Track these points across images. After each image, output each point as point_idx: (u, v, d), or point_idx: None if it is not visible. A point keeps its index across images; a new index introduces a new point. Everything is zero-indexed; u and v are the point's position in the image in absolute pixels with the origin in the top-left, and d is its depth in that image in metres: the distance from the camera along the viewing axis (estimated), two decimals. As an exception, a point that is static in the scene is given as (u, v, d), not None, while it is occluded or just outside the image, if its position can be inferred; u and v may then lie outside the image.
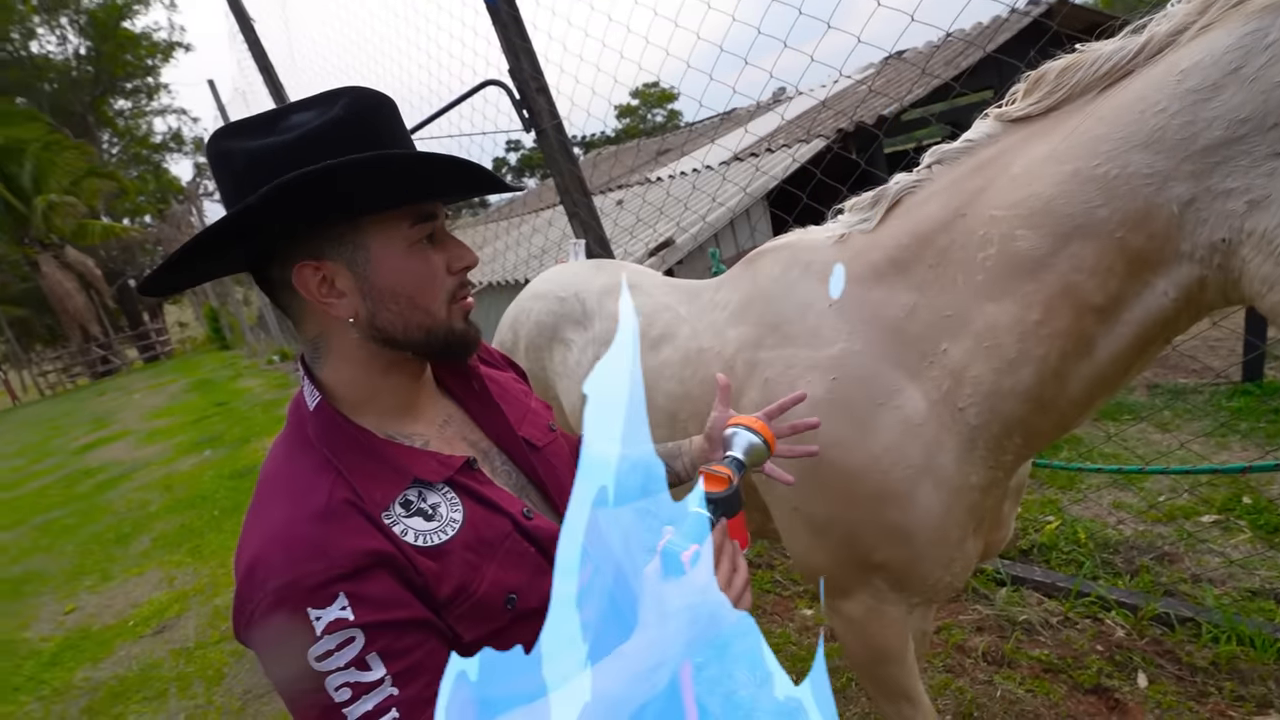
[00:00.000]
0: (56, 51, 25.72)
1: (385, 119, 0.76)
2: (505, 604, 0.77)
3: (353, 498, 0.72)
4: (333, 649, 0.64)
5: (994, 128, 1.09)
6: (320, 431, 0.77)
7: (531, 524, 0.83)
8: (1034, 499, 3.04)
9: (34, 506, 7.38)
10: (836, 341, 1.21)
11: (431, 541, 0.74)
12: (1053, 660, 2.15)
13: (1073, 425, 1.11)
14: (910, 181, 1.19)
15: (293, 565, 0.66)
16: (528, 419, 0.98)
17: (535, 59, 3.17)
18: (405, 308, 0.77)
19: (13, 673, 3.77)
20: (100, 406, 14.39)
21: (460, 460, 0.82)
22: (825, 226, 1.39)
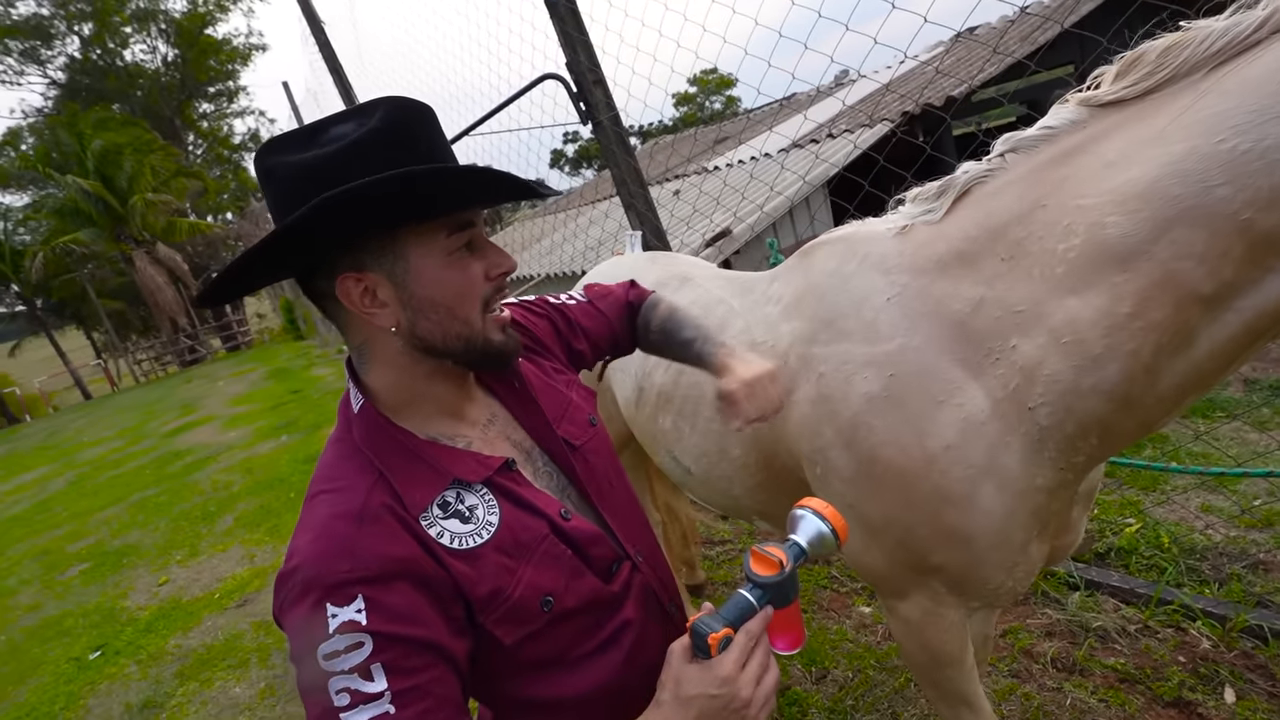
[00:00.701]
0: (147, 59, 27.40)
1: (423, 127, 0.77)
2: (542, 606, 0.78)
3: (391, 501, 0.74)
4: (341, 650, 0.65)
5: (1079, 114, 1.02)
6: (364, 434, 0.79)
7: (569, 525, 0.84)
8: (1112, 500, 2.88)
9: (132, 485, 7.96)
10: (895, 337, 1.17)
11: (466, 545, 0.75)
12: (1129, 670, 2.04)
13: (1157, 425, 1.05)
14: (981, 171, 1.14)
15: (322, 561, 0.68)
16: (568, 414, 0.98)
17: (592, 51, 3.18)
18: (444, 317, 0.79)
19: (114, 637, 4.09)
20: (188, 393, 15.36)
21: (499, 461, 0.83)
22: (885, 218, 1.34)
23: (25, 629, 4.63)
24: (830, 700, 2.23)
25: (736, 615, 0.72)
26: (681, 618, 0.97)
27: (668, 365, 1.67)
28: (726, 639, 0.70)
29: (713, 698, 0.69)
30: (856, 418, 1.21)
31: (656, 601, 0.94)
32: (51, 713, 3.45)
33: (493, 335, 0.82)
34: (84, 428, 14.82)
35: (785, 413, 1.38)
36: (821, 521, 0.81)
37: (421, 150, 0.75)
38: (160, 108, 27.35)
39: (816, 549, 0.80)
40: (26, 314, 25.98)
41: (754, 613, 0.73)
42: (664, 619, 0.94)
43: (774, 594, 0.74)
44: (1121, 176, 0.92)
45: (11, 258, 22.78)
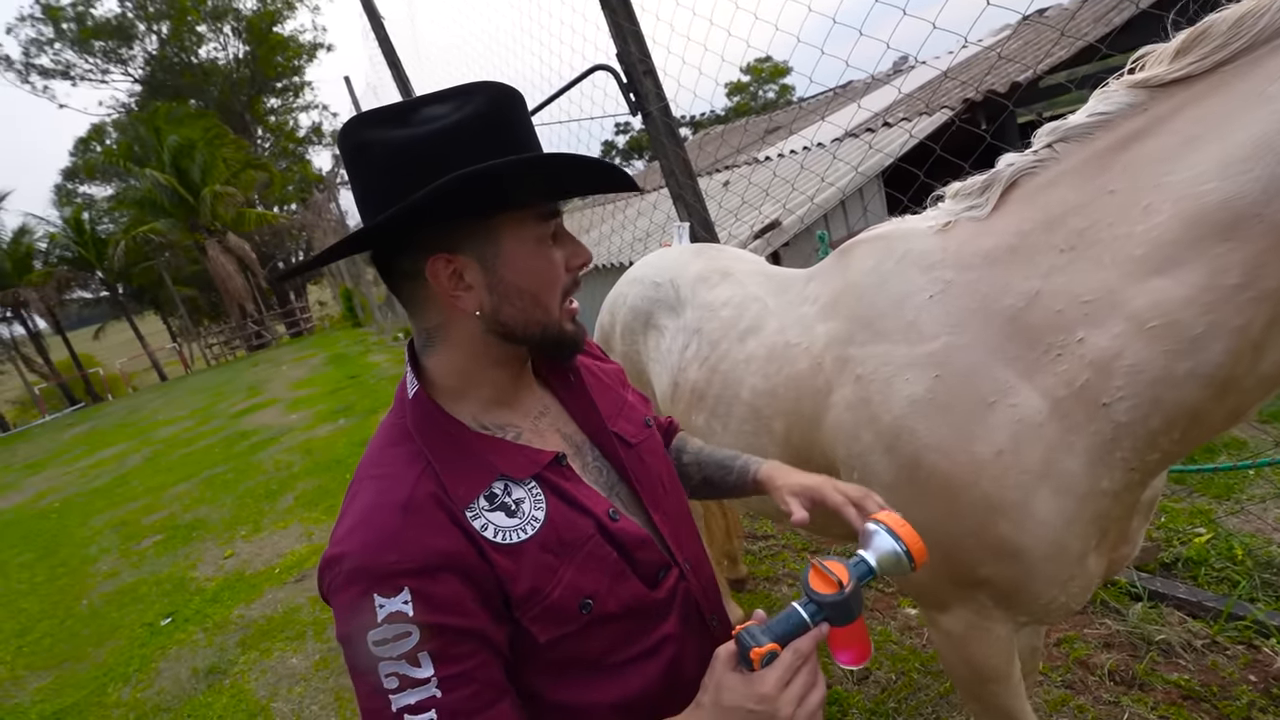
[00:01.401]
0: (220, 56, 28.67)
1: (518, 115, 0.77)
2: (580, 608, 0.77)
3: (438, 491, 0.74)
4: (389, 638, 0.67)
5: (1136, 96, 0.96)
6: (416, 421, 0.79)
7: (616, 526, 0.82)
8: (1182, 508, 2.73)
9: (202, 462, 8.40)
10: (939, 335, 1.13)
11: (510, 539, 0.75)
12: (1194, 686, 1.94)
13: (1248, 413, 0.98)
14: (1029, 163, 1.08)
15: (368, 551, 0.69)
16: (623, 413, 0.97)
17: (643, 42, 3.17)
18: (529, 304, 0.79)
19: (184, 605, 4.34)
20: (254, 376, 16.08)
21: (549, 455, 0.82)
22: (925, 215, 1.29)
23: (104, 594, 4.95)
24: (872, 702, 2.19)
25: (785, 630, 0.69)
26: (723, 631, 0.94)
27: (701, 362, 1.66)
28: (771, 654, 0.67)
29: (750, 713, 0.67)
30: (898, 422, 1.16)
31: (699, 614, 0.91)
32: (126, 674, 3.68)
33: (566, 325, 0.83)
34: (159, 407, 15.70)
35: (820, 416, 1.35)
36: (895, 540, 0.75)
37: (520, 137, 0.76)
38: (232, 103, 28.60)
39: (888, 569, 0.75)
40: (109, 299, 27.67)
41: (805, 629, 0.70)
42: (704, 632, 0.92)
43: (830, 613, 0.70)
44: (1215, 146, 0.87)
45: (96, 246, 24.29)
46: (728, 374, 1.57)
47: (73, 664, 4.00)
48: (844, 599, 0.70)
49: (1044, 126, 1.08)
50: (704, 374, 1.64)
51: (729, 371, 1.57)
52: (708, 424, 1.63)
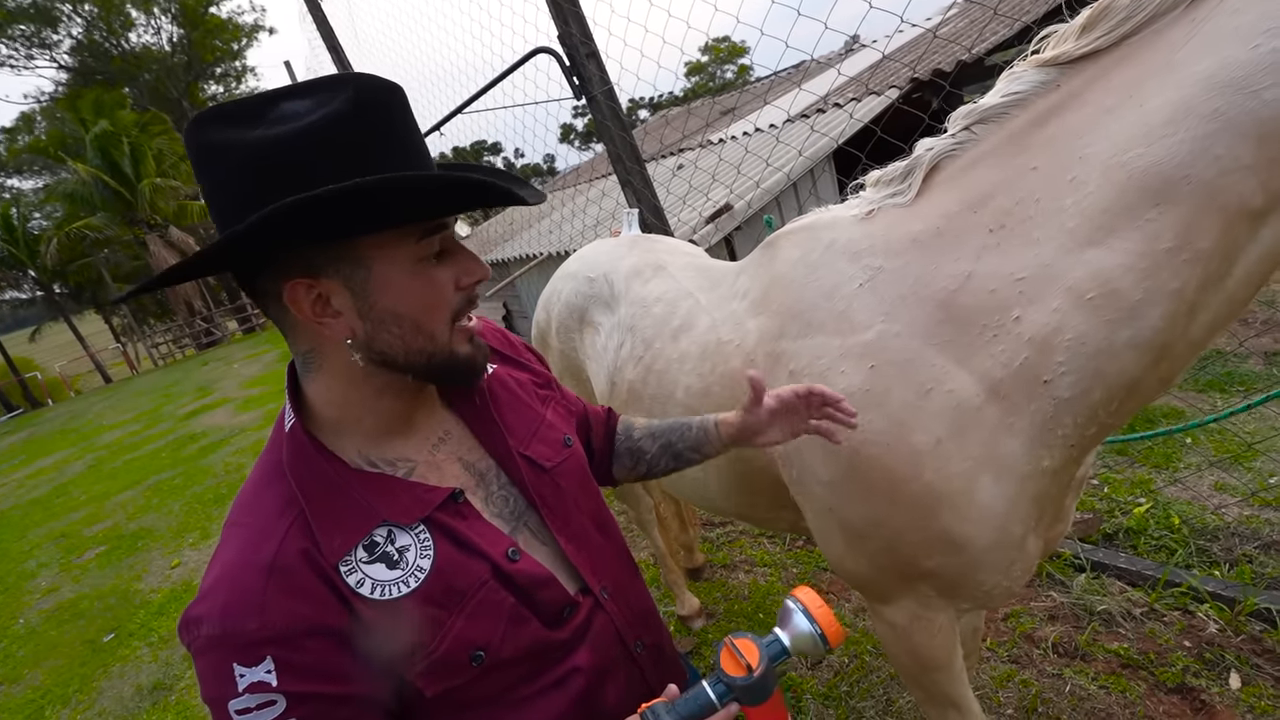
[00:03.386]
0: (152, 41, 27.32)
1: (392, 111, 0.68)
2: (471, 660, 0.71)
3: (308, 547, 0.67)
4: (252, 707, 0.62)
5: (1046, 75, 0.97)
6: (291, 459, 0.72)
7: (514, 567, 0.76)
8: (1123, 478, 2.81)
9: (148, 468, 8.09)
10: (872, 324, 1.10)
11: (390, 594, 0.68)
12: (1133, 655, 1.99)
13: (1174, 381, 1.00)
14: (948, 146, 1.07)
15: (228, 616, 0.63)
16: (539, 434, 0.90)
17: (585, 23, 3.09)
18: (408, 331, 0.71)
19: (128, 620, 4.17)
20: (203, 376, 15.54)
21: (443, 494, 0.75)
22: (848, 204, 1.27)
23: (43, 612, 4.73)
24: (825, 686, 2.20)
25: (691, 712, 0.67)
26: (648, 657, 0.91)
27: (636, 362, 1.61)
28: None
29: None
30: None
31: (620, 642, 0.87)
32: (65, 695, 3.53)
33: (459, 348, 0.74)
34: (103, 411, 15.08)
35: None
36: (810, 623, 0.73)
37: (393, 140, 0.67)
38: (168, 90, 27.32)
39: (802, 649, 0.73)
40: (45, 299, 26.38)
41: (713, 710, 0.68)
42: (627, 660, 0.88)
43: (740, 694, 0.69)
44: (1134, 114, 0.88)
45: (27, 243, 23.05)
46: (662, 373, 1.53)
47: (7, 686, 3.81)
48: (753, 682, 0.68)
49: (959, 109, 1.07)
50: (639, 373, 1.60)
51: (663, 371, 1.53)
52: None
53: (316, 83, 0.66)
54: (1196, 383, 3.35)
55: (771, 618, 2.58)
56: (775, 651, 0.72)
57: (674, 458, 1.08)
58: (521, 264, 6.50)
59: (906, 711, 2.02)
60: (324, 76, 0.67)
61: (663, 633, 0.98)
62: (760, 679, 0.68)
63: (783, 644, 0.73)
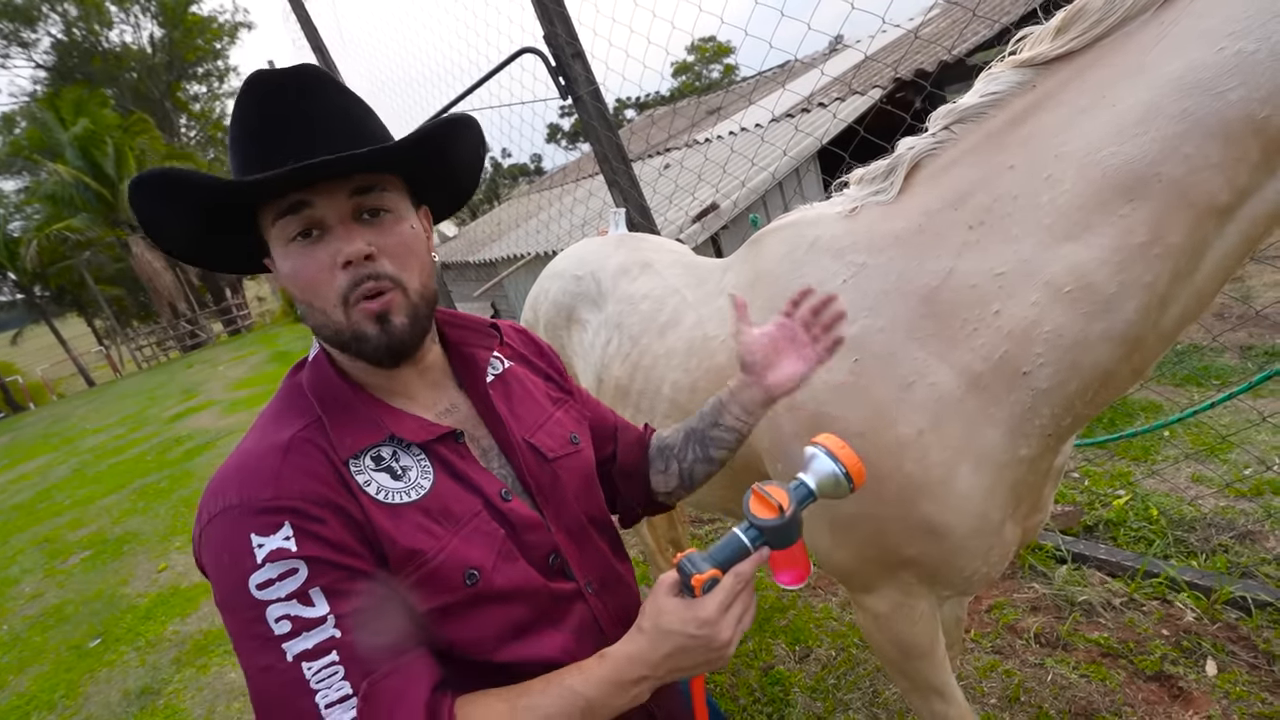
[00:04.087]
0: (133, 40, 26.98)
1: (270, 98, 0.72)
2: (464, 579, 0.73)
3: (320, 440, 0.72)
4: (274, 578, 0.62)
5: (1022, 75, 1.00)
6: (312, 379, 0.78)
7: (507, 506, 0.79)
8: (1103, 471, 2.86)
9: (133, 471, 8.00)
10: (856, 319, 1.13)
11: (393, 499, 0.72)
12: (1112, 644, 2.03)
13: (1146, 372, 1.03)
14: (928, 145, 1.10)
15: (243, 487, 0.66)
16: (545, 426, 0.92)
17: (570, 23, 3.09)
18: (307, 309, 0.75)
19: (114, 624, 4.14)
20: (189, 378, 15.39)
21: (444, 429, 0.79)
22: (831, 202, 1.29)
23: (27, 618, 4.68)
24: (813, 679, 2.23)
25: (726, 556, 0.70)
26: None
27: (624, 358, 1.63)
28: (713, 581, 0.69)
29: (692, 636, 0.68)
30: (820, 409, 1.16)
31: (601, 635, 0.87)
32: (51, 701, 3.49)
33: (363, 328, 0.73)
34: (87, 415, 14.89)
35: None
36: (834, 462, 0.75)
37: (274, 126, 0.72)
38: (150, 90, 27.00)
39: (827, 491, 0.75)
40: (26, 302, 25.99)
41: (746, 554, 0.71)
42: None
43: (771, 537, 0.71)
44: (1107, 113, 0.91)
45: (6, 246, 22.69)
46: (649, 370, 1.54)
47: (-8, 694, 3.77)
48: (784, 523, 0.71)
49: (939, 109, 1.09)
50: (626, 370, 1.61)
51: (650, 367, 1.54)
52: (633, 419, 1.60)
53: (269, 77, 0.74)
54: (1174, 377, 3.41)
55: (759, 612, 2.60)
56: (802, 494, 0.74)
57: (700, 443, 1.01)
58: (509, 264, 6.49)
59: (893, 702, 2.05)
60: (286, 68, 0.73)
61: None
62: (790, 520, 0.71)
63: (809, 487, 0.75)
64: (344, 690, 0.62)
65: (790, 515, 0.71)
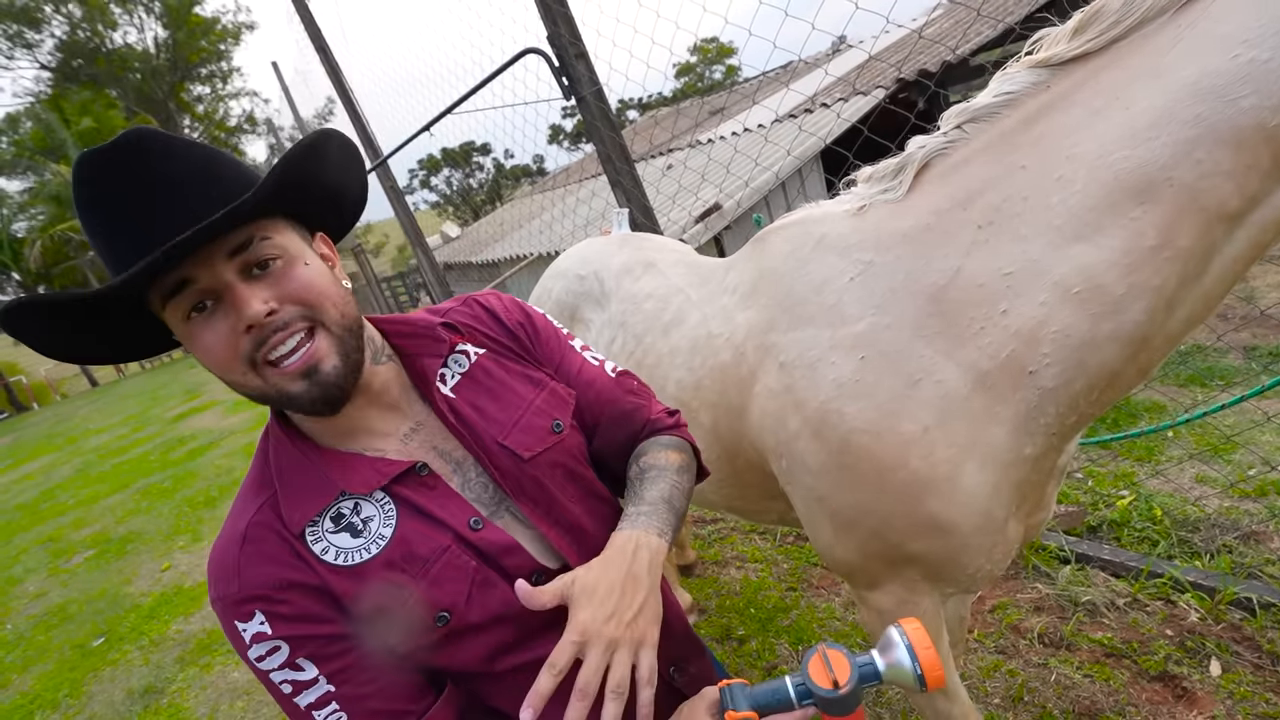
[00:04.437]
0: (136, 41, 27.06)
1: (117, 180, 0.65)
2: (435, 621, 0.74)
3: (273, 520, 0.74)
4: (264, 654, 0.71)
5: (1038, 75, 0.99)
6: (272, 444, 0.79)
7: (478, 535, 0.77)
8: (1107, 472, 2.85)
9: (136, 471, 8.03)
10: (863, 317, 1.13)
11: (351, 560, 0.73)
12: (1116, 644, 2.03)
13: (1151, 372, 1.03)
14: (940, 144, 1.09)
15: (218, 584, 0.72)
16: (522, 422, 0.86)
17: (573, 24, 3.10)
18: (226, 380, 0.72)
19: (118, 624, 4.15)
20: (192, 379, 15.43)
21: (403, 466, 0.76)
22: (839, 200, 1.29)
23: (31, 616, 4.70)
24: (816, 679, 2.23)
25: (768, 703, 0.69)
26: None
27: (627, 357, 1.63)
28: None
29: None
30: (825, 405, 1.16)
31: None
32: (55, 700, 3.50)
33: (289, 387, 0.70)
34: (90, 415, 14.94)
35: (745, 406, 1.34)
36: (911, 659, 0.68)
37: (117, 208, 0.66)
38: (154, 91, 27.09)
39: (894, 682, 0.70)
40: (29, 302, 26.03)
41: (789, 708, 0.68)
42: None
43: (821, 704, 0.68)
44: (1120, 116, 0.91)
45: (10, 246, 22.77)
46: (653, 368, 1.55)
47: (-4, 693, 3.78)
48: (836, 698, 0.67)
49: (952, 108, 1.09)
50: (630, 368, 1.61)
51: (654, 366, 1.55)
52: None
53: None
54: (1178, 377, 3.41)
55: (762, 612, 2.60)
56: (868, 673, 0.69)
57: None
58: (512, 264, 6.50)
59: (896, 702, 2.05)
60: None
61: (670, 607, 0.94)
62: (845, 696, 0.67)
63: (877, 669, 0.70)
64: None
65: (846, 691, 0.67)
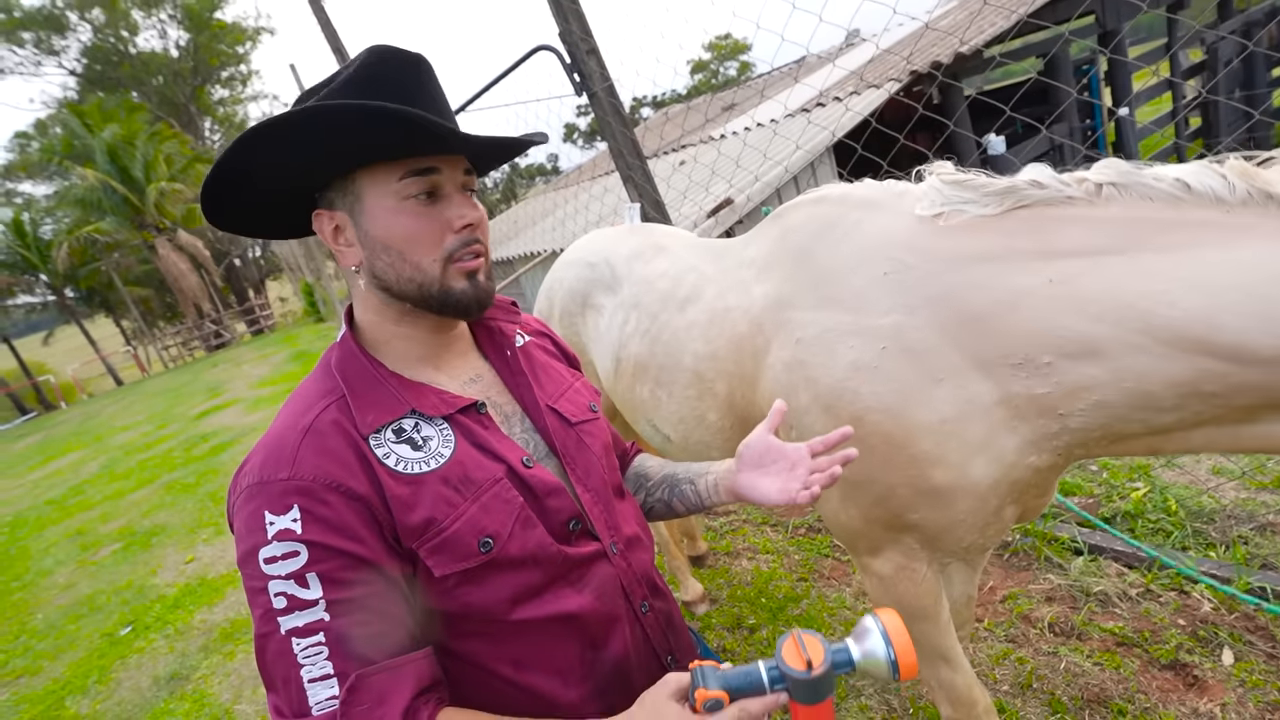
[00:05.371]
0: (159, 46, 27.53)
1: (399, 69, 0.78)
2: (479, 546, 0.76)
3: (342, 419, 0.76)
4: (278, 555, 0.68)
5: (1228, 190, 0.88)
6: (339, 358, 0.83)
7: (529, 472, 0.82)
8: (1121, 464, 2.83)
9: (161, 467, 8.19)
10: (890, 312, 1.14)
11: (412, 470, 0.76)
12: (1127, 634, 2.02)
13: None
14: (1061, 194, 1.01)
15: (264, 468, 0.72)
16: (567, 394, 0.97)
17: (584, 20, 3.13)
18: (395, 260, 0.79)
19: (144, 613, 4.25)
20: (213, 377, 15.68)
21: (466, 401, 0.83)
22: (888, 186, 1.26)
23: (61, 607, 4.82)
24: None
25: (739, 685, 0.67)
26: (655, 621, 0.94)
27: (643, 335, 1.66)
28: (716, 703, 0.66)
29: None
30: (840, 384, 1.19)
31: (624, 597, 0.90)
32: (84, 686, 3.60)
33: (453, 283, 0.81)
34: (116, 413, 15.24)
35: (757, 376, 1.37)
36: (886, 646, 0.68)
37: (392, 86, 0.76)
38: (175, 95, 27.53)
39: (869, 670, 0.69)
40: (57, 303, 26.64)
41: (760, 692, 0.67)
42: (632, 618, 0.91)
43: (793, 687, 0.67)
44: (1254, 275, 0.84)
45: (38, 248, 23.27)
46: (669, 343, 1.58)
47: (29, 679, 3.89)
48: (808, 680, 0.66)
49: (1109, 163, 1.00)
50: (645, 346, 1.65)
51: (670, 341, 1.58)
52: (653, 394, 1.64)
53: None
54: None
55: (773, 602, 2.62)
56: (841, 660, 0.69)
57: (670, 489, 1.07)
58: (526, 261, 6.55)
59: (906, 687, 2.06)
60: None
61: (671, 602, 1.01)
62: (816, 680, 0.66)
63: (850, 656, 0.69)
64: (326, 669, 0.68)
65: (818, 675, 0.65)
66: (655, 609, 0.95)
